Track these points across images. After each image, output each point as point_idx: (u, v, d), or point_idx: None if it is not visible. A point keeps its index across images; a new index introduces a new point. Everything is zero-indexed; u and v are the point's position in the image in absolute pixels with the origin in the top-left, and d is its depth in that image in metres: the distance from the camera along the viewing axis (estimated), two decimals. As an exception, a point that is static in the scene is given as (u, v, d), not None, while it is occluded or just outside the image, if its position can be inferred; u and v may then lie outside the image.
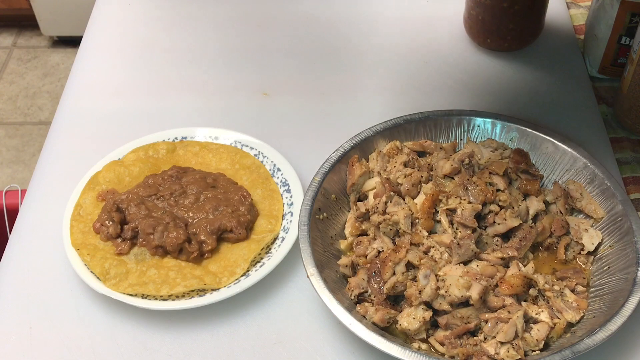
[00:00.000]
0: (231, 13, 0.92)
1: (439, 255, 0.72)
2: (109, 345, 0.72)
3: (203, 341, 0.72)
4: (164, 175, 0.82)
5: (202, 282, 0.73)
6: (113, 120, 0.95)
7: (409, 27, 1.08)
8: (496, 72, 1.00)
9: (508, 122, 0.84)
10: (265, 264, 0.74)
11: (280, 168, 0.84)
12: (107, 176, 0.83)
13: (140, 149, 0.87)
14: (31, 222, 0.83)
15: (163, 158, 0.86)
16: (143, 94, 0.99)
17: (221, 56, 1.00)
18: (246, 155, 0.86)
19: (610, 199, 0.76)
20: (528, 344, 0.67)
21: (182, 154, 0.87)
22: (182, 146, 0.87)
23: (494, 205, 0.74)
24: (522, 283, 0.69)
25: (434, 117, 0.85)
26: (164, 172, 0.82)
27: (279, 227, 0.78)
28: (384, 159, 0.82)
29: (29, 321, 0.74)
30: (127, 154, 0.86)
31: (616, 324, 0.65)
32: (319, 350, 0.71)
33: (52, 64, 2.51)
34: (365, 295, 0.71)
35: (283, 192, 0.82)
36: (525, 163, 0.79)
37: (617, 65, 0.96)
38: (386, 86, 0.98)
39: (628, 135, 0.92)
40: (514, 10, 0.95)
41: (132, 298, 0.72)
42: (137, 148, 0.87)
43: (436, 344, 0.68)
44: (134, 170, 0.83)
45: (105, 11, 1.13)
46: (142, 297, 0.72)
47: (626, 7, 0.90)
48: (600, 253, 0.75)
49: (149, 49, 1.06)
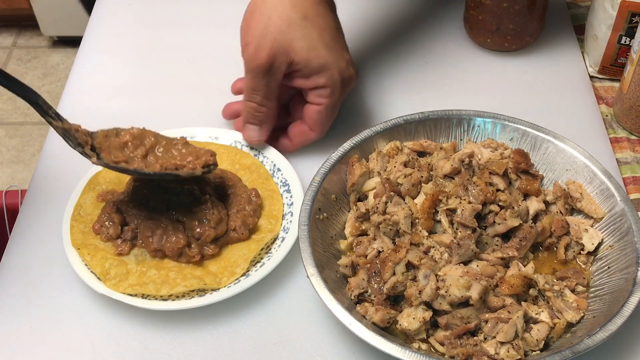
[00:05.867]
0: (231, 13, 0.92)
1: (439, 255, 0.72)
2: (109, 345, 0.72)
3: (203, 341, 0.72)
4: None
5: (202, 282, 0.73)
6: (113, 120, 0.94)
7: (409, 27, 1.08)
8: (496, 72, 1.00)
9: (508, 122, 0.84)
10: (265, 264, 0.74)
11: (280, 168, 0.84)
12: (107, 176, 0.83)
13: None
14: (31, 222, 0.83)
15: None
16: (143, 94, 0.99)
17: (221, 56, 1.00)
18: (246, 155, 0.86)
19: (610, 199, 0.76)
20: (528, 344, 0.67)
21: None
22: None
23: (494, 206, 0.74)
24: (522, 283, 0.69)
25: (434, 117, 0.85)
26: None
27: (279, 228, 0.78)
28: (384, 159, 0.82)
29: (29, 321, 0.74)
30: None
31: (616, 324, 0.65)
32: (319, 350, 0.71)
33: (52, 64, 2.51)
34: (365, 295, 0.71)
35: (283, 192, 0.82)
36: (525, 163, 0.79)
37: (617, 65, 0.96)
38: (386, 86, 0.98)
39: (628, 135, 0.92)
40: (514, 10, 0.95)
41: (132, 298, 0.72)
42: None
43: (436, 344, 0.68)
44: None
45: (105, 11, 1.13)
46: (142, 297, 0.72)
47: (626, 7, 0.90)
48: (600, 253, 0.75)
49: (149, 49, 1.06)
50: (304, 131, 0.86)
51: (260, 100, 0.82)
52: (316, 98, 0.83)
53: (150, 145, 0.77)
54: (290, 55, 0.80)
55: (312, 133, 0.85)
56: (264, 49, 0.79)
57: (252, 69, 0.80)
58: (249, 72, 0.81)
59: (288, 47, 0.79)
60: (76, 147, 0.73)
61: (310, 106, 0.84)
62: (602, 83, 0.99)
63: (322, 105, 0.83)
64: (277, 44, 0.79)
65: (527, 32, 0.99)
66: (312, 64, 0.80)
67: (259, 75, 0.80)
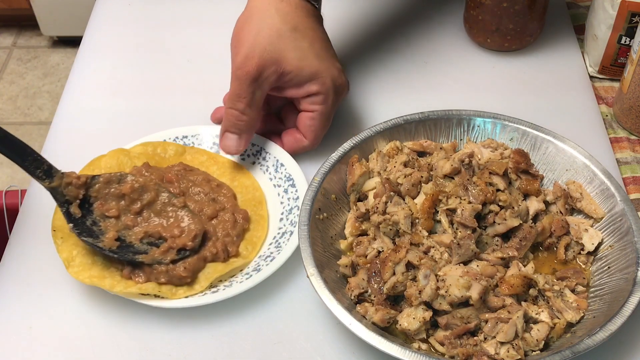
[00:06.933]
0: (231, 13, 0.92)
1: (439, 255, 0.72)
2: (109, 345, 0.72)
3: (203, 341, 0.72)
4: (170, 169, 0.82)
5: (157, 288, 0.72)
6: (113, 121, 0.95)
7: (409, 27, 1.08)
8: (496, 72, 1.00)
9: (508, 122, 0.84)
10: (269, 264, 0.74)
11: (284, 163, 0.84)
12: (110, 162, 0.83)
13: (150, 144, 0.86)
14: (31, 222, 0.83)
15: (169, 158, 0.86)
16: (143, 94, 0.99)
17: (221, 56, 1.00)
18: (248, 176, 0.85)
19: (610, 199, 0.76)
20: (528, 344, 0.67)
21: (189, 159, 0.86)
22: (191, 152, 0.87)
23: (494, 205, 0.74)
24: (522, 283, 0.69)
25: (434, 117, 0.85)
26: (170, 167, 0.83)
27: (253, 256, 0.77)
28: (384, 159, 0.82)
29: (29, 321, 0.74)
30: (136, 145, 0.86)
31: (616, 324, 0.65)
32: (319, 350, 0.71)
33: (52, 64, 2.51)
34: (365, 295, 0.71)
35: (288, 187, 0.82)
36: (525, 163, 0.79)
37: (617, 65, 0.96)
38: (386, 86, 0.98)
39: (628, 135, 0.92)
40: (514, 10, 0.95)
41: (133, 296, 0.72)
42: (146, 142, 0.87)
43: (436, 344, 0.68)
44: (138, 163, 0.83)
45: (105, 11, 1.13)
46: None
47: (626, 7, 0.90)
48: (600, 253, 0.75)
49: (149, 49, 1.06)
50: (297, 139, 0.85)
51: (243, 108, 0.81)
52: (309, 105, 0.83)
53: (148, 201, 0.77)
54: (281, 66, 0.80)
55: (305, 141, 0.85)
56: (253, 57, 0.79)
57: (240, 76, 0.80)
58: (235, 80, 0.80)
59: (279, 57, 0.79)
60: (62, 205, 0.74)
61: (304, 113, 0.84)
62: (602, 83, 0.99)
63: (315, 112, 0.83)
64: (267, 54, 0.79)
65: (527, 32, 0.99)
66: (303, 72, 0.80)
67: (246, 82, 0.80)
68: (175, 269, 0.73)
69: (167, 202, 0.78)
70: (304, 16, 0.82)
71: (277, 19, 0.80)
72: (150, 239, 0.76)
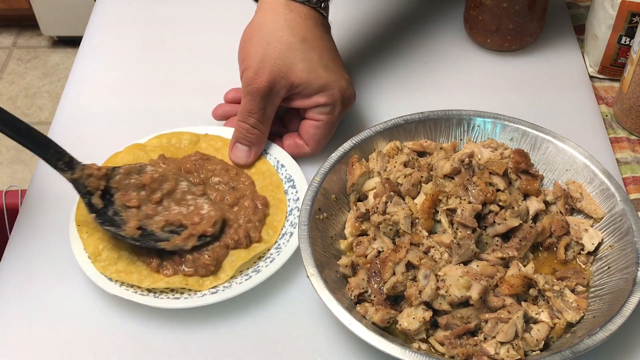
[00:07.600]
0: (231, 13, 0.92)
1: (439, 255, 0.72)
2: (109, 345, 0.72)
3: (203, 341, 0.72)
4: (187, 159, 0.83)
5: (185, 281, 0.73)
6: (113, 120, 0.95)
7: (409, 27, 1.08)
8: (496, 72, 1.00)
9: (508, 122, 0.84)
10: (269, 265, 0.74)
11: (284, 164, 0.84)
12: (126, 158, 0.83)
13: (164, 136, 0.87)
14: (31, 222, 0.83)
15: (185, 148, 0.86)
16: (143, 94, 0.99)
17: (221, 56, 1.00)
18: (264, 161, 0.86)
19: (610, 199, 0.76)
20: (528, 344, 0.67)
21: (204, 147, 0.87)
22: (206, 139, 0.87)
23: (494, 206, 0.74)
24: (522, 283, 0.69)
25: (434, 117, 0.85)
26: (187, 157, 0.84)
27: (274, 240, 0.78)
28: (384, 159, 0.82)
29: (29, 321, 0.74)
30: (150, 139, 0.87)
31: (616, 324, 0.65)
32: (319, 350, 0.71)
33: (52, 64, 2.51)
34: (365, 295, 0.71)
35: (288, 187, 0.82)
36: (525, 163, 0.79)
37: (617, 65, 0.96)
38: (386, 86, 0.98)
39: (628, 135, 0.92)
40: (514, 10, 0.95)
41: (130, 294, 0.72)
42: (160, 135, 0.87)
43: (436, 344, 0.68)
44: (154, 156, 0.84)
45: (105, 11, 1.13)
46: (127, 286, 0.73)
47: (626, 7, 0.90)
48: (600, 253, 0.75)
49: (149, 49, 1.06)
50: (298, 144, 0.86)
51: (254, 123, 0.82)
52: (316, 115, 0.83)
53: (168, 190, 0.78)
54: (290, 79, 0.80)
55: (306, 148, 0.85)
56: (263, 73, 0.79)
57: (250, 92, 0.80)
58: (247, 95, 0.81)
59: (288, 70, 0.80)
60: (84, 196, 0.75)
61: (308, 121, 0.84)
62: (602, 83, 0.99)
63: (321, 122, 0.83)
64: (276, 68, 0.79)
65: (527, 32, 0.99)
66: (312, 85, 0.81)
67: (257, 98, 0.80)
68: (200, 258, 0.74)
69: (186, 190, 0.79)
70: (312, 26, 0.82)
71: (286, 31, 0.80)
72: (171, 227, 0.77)
